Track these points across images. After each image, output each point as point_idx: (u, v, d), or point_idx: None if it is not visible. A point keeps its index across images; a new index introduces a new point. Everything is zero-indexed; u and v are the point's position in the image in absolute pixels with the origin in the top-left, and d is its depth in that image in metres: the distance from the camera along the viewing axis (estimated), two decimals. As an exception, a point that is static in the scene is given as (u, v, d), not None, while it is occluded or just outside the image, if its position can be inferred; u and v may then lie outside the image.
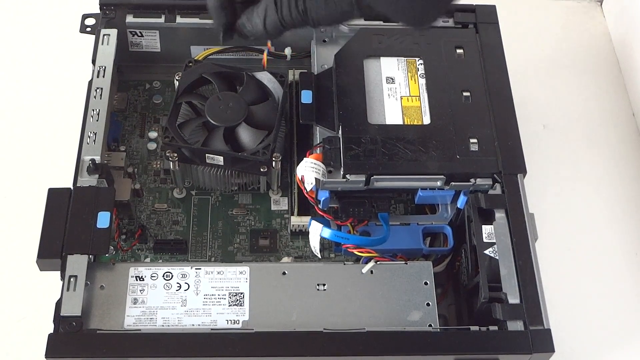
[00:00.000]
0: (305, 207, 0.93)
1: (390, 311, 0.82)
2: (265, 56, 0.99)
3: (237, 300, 0.82)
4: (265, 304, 0.82)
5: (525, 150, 0.90)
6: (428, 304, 0.83)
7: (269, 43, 0.99)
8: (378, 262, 0.85)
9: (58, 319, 0.78)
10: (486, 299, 0.81)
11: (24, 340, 0.91)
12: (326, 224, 0.87)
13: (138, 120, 1.03)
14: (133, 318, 0.80)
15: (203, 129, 0.92)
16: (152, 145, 1.01)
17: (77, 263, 0.80)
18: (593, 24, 1.23)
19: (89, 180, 0.86)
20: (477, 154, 0.89)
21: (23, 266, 0.92)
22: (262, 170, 0.91)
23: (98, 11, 1.00)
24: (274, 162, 0.90)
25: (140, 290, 0.82)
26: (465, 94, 0.93)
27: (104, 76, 0.94)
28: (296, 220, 0.93)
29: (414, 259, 0.90)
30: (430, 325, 0.81)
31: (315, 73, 0.96)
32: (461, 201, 0.89)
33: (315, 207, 0.88)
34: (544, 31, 1.21)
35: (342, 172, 0.87)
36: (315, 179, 0.86)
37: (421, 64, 0.96)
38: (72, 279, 0.79)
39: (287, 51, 1.01)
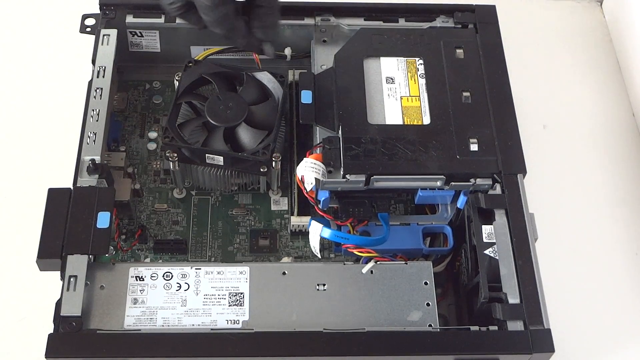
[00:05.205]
0: (305, 207, 0.93)
1: (390, 311, 0.82)
2: (256, 56, 0.97)
3: (237, 300, 0.82)
4: (265, 304, 0.82)
5: (525, 150, 0.90)
6: (428, 304, 0.83)
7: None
8: (378, 262, 0.85)
9: (58, 319, 0.78)
10: (486, 299, 0.81)
11: (24, 340, 0.91)
12: (326, 224, 0.87)
13: (138, 120, 1.03)
14: (133, 318, 0.80)
15: (203, 129, 0.92)
16: (152, 146, 1.01)
17: (77, 263, 0.80)
18: (593, 24, 1.23)
19: (88, 181, 0.86)
20: (477, 154, 0.89)
21: (23, 266, 0.92)
22: (262, 170, 0.91)
23: (98, 11, 1.00)
24: (274, 162, 0.90)
25: (140, 290, 0.82)
26: (465, 94, 0.93)
27: (103, 76, 0.94)
28: (296, 220, 0.93)
29: (414, 259, 0.90)
30: (430, 325, 0.81)
31: (315, 73, 0.96)
32: (461, 201, 0.89)
33: (315, 207, 0.88)
34: (544, 31, 1.21)
35: (342, 172, 0.87)
36: (315, 179, 0.86)
37: (421, 64, 0.96)
38: (72, 279, 0.79)
39: (287, 51, 1.01)
